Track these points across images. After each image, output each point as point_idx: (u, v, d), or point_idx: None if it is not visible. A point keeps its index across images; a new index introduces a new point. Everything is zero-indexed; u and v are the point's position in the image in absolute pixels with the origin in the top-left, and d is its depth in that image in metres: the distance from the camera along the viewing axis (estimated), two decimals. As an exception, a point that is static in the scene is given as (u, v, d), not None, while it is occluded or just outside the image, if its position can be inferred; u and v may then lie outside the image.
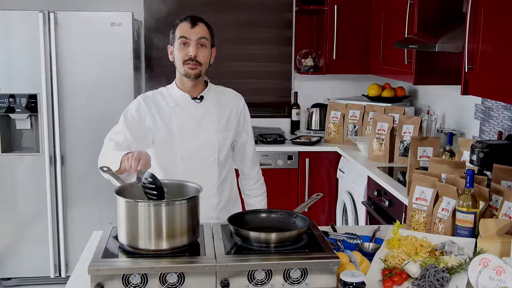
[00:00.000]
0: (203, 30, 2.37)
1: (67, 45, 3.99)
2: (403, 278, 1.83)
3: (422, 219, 2.26)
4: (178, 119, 2.42)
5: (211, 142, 2.44)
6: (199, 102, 2.44)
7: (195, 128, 2.43)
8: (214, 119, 2.45)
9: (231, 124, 2.50)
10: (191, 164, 2.42)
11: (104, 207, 3.92)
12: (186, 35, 2.34)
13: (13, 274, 4.20)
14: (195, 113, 2.43)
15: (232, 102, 2.52)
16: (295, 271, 1.71)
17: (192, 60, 2.34)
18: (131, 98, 4.09)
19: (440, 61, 3.56)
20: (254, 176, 2.65)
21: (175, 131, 2.41)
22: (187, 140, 2.42)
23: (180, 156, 2.42)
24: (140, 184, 1.95)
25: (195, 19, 2.38)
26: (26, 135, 4.19)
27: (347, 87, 4.95)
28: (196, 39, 2.34)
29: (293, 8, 4.84)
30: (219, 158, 2.47)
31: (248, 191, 2.65)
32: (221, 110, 2.47)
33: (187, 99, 2.44)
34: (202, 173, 2.42)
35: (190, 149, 2.42)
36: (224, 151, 2.48)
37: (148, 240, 1.78)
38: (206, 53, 2.38)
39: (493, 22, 2.60)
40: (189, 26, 2.35)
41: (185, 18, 2.39)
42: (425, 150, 2.96)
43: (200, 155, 2.44)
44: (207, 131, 2.44)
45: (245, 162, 2.61)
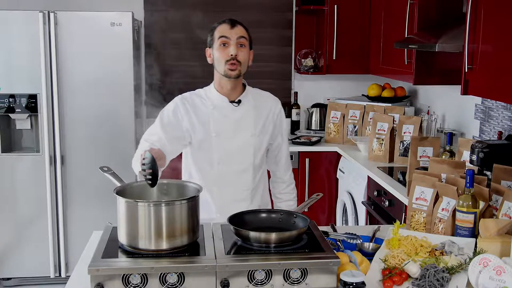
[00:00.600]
0: (242, 31, 2.40)
1: (67, 45, 3.99)
2: (403, 278, 1.83)
3: (422, 219, 2.26)
4: (215, 122, 2.42)
5: (247, 146, 2.45)
6: (237, 105, 2.44)
7: (232, 131, 2.43)
8: (251, 123, 2.45)
9: (267, 127, 2.50)
10: (227, 167, 2.43)
11: (104, 207, 3.92)
12: (226, 34, 2.37)
13: (13, 274, 4.20)
14: (232, 117, 2.44)
15: (269, 106, 2.53)
16: (295, 271, 1.71)
17: (233, 59, 2.35)
18: (131, 98, 4.11)
19: (440, 61, 3.56)
20: (286, 180, 2.65)
21: (212, 133, 2.42)
22: (224, 143, 2.42)
23: (217, 159, 2.43)
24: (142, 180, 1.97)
25: (234, 21, 2.41)
26: (26, 135, 4.19)
27: (347, 87, 4.95)
28: (236, 39, 2.36)
29: (293, 8, 4.84)
30: (255, 162, 2.47)
31: (280, 194, 2.66)
32: (258, 114, 2.48)
33: (225, 102, 2.44)
34: (237, 176, 2.44)
35: (227, 152, 2.43)
36: (259, 155, 2.49)
37: (148, 240, 1.78)
38: (246, 53, 2.40)
39: (493, 22, 2.60)
40: (228, 27, 2.38)
41: (224, 20, 2.42)
42: (425, 150, 2.96)
43: (236, 159, 2.44)
44: (244, 135, 2.44)
45: (279, 165, 2.61)
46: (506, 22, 2.49)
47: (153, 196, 2.04)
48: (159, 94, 4.74)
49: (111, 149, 4.10)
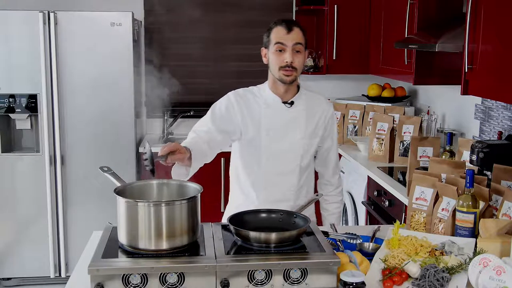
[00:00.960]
0: (299, 36, 2.36)
1: (67, 45, 3.99)
2: (403, 278, 1.83)
3: (422, 219, 2.26)
4: (267, 121, 2.43)
5: (296, 147, 2.46)
6: (289, 106, 2.45)
7: (282, 131, 2.44)
8: (302, 125, 2.46)
9: (318, 131, 2.50)
10: (274, 166, 2.45)
11: (104, 207, 3.92)
12: (282, 41, 2.34)
13: (13, 274, 4.20)
14: (284, 117, 2.44)
15: (321, 109, 2.52)
16: (295, 271, 1.71)
17: (288, 67, 2.34)
18: (131, 98, 4.11)
19: (440, 61, 3.56)
20: (334, 183, 2.65)
21: (263, 132, 2.43)
22: (274, 142, 2.44)
23: (265, 157, 2.44)
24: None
25: (291, 23, 2.37)
26: (26, 135, 4.19)
27: (347, 87, 4.95)
28: (292, 45, 2.34)
29: (293, 8, 4.84)
30: (301, 164, 2.48)
31: (327, 196, 2.66)
32: (310, 116, 2.48)
33: (278, 103, 2.45)
34: (283, 176, 2.46)
35: (275, 152, 2.44)
36: (307, 157, 2.50)
37: (148, 240, 1.78)
38: (301, 59, 2.38)
39: (493, 22, 2.60)
40: (284, 31, 2.34)
41: (281, 22, 2.38)
42: (425, 150, 2.96)
43: (284, 159, 2.46)
44: (294, 136, 2.45)
45: (328, 167, 2.62)
46: (506, 22, 2.49)
47: (153, 196, 2.04)
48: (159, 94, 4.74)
49: (111, 149, 4.11)
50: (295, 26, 2.36)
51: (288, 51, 2.34)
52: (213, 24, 4.75)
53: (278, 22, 2.39)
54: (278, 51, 2.35)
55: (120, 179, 2.03)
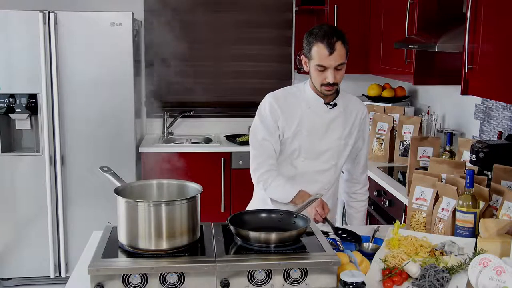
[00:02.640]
0: (341, 55, 2.32)
1: (67, 45, 3.99)
2: (403, 278, 1.83)
3: (422, 219, 2.26)
4: (309, 121, 2.47)
5: (333, 147, 2.50)
6: (331, 108, 2.48)
7: (323, 132, 2.48)
8: (340, 126, 2.50)
9: (353, 132, 2.54)
10: (312, 165, 2.50)
11: (104, 207, 3.92)
12: (324, 64, 2.32)
13: (13, 274, 4.20)
14: (325, 118, 2.48)
15: (356, 110, 2.55)
16: (295, 271, 1.71)
17: (330, 85, 2.36)
18: (131, 98, 4.11)
19: (440, 61, 3.56)
20: (362, 181, 2.69)
21: (304, 131, 2.47)
22: (313, 142, 2.48)
23: (303, 156, 2.49)
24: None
25: (333, 42, 2.30)
26: (26, 135, 4.19)
27: (347, 87, 4.89)
28: (334, 67, 2.33)
29: (293, 8, 4.84)
30: (338, 163, 2.53)
31: (354, 194, 2.69)
32: (347, 117, 2.52)
33: (320, 103, 2.48)
34: (320, 175, 2.51)
35: (314, 151, 2.49)
36: (343, 157, 2.55)
37: (148, 240, 1.78)
38: (342, 73, 2.38)
39: (493, 22, 2.60)
40: (326, 53, 2.30)
41: (323, 38, 2.30)
42: (425, 150, 2.97)
43: (321, 159, 2.50)
44: (333, 137, 2.49)
45: (357, 166, 2.65)
46: (506, 22, 2.49)
47: (153, 196, 2.04)
48: (159, 94, 4.75)
49: (111, 149, 4.11)
50: (337, 44, 2.31)
51: (330, 72, 2.33)
52: (213, 24, 4.75)
53: (319, 37, 2.31)
54: (319, 71, 2.35)
55: (120, 179, 2.03)
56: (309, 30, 2.40)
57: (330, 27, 2.38)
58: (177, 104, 4.76)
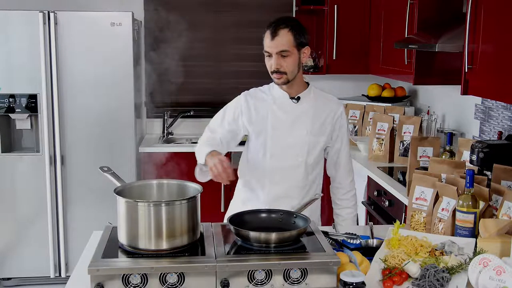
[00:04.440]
0: (283, 41, 2.34)
1: (67, 45, 3.99)
2: (403, 278, 1.83)
3: (422, 219, 2.26)
4: (273, 116, 2.46)
5: (301, 143, 2.46)
6: (296, 102, 2.46)
7: (288, 127, 2.46)
8: (308, 121, 2.47)
9: (325, 128, 2.49)
10: (279, 161, 2.47)
11: (104, 207, 3.92)
12: (267, 49, 2.37)
13: (13, 274, 4.20)
14: (291, 113, 2.46)
15: (329, 107, 2.52)
16: (295, 271, 1.71)
17: (276, 72, 2.36)
18: (131, 98, 4.11)
19: (440, 61, 3.56)
20: (346, 186, 2.62)
21: (269, 127, 2.46)
22: (280, 137, 2.46)
23: (270, 153, 2.47)
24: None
25: (276, 28, 2.34)
26: (26, 135, 4.19)
27: (347, 87, 4.95)
28: (276, 53, 2.34)
29: (293, 8, 4.84)
30: (307, 160, 2.48)
31: (339, 200, 2.63)
32: (317, 113, 2.48)
33: (285, 98, 2.47)
34: (288, 172, 2.47)
35: (281, 147, 2.46)
36: (313, 154, 2.49)
37: (148, 240, 1.78)
38: (290, 62, 2.36)
39: (493, 22, 2.60)
40: (269, 38, 2.35)
41: (270, 25, 2.37)
42: (425, 150, 2.96)
43: (289, 154, 2.47)
44: (299, 132, 2.46)
45: (339, 169, 2.60)
46: (506, 22, 2.49)
47: (153, 196, 2.04)
48: (159, 94, 4.74)
49: (111, 149, 4.10)
50: (282, 30, 2.34)
51: (274, 58, 2.35)
52: (213, 24, 4.75)
53: (268, 25, 2.38)
54: (267, 57, 2.39)
55: (120, 179, 2.03)
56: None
57: (285, 17, 2.42)
58: (177, 104, 4.76)
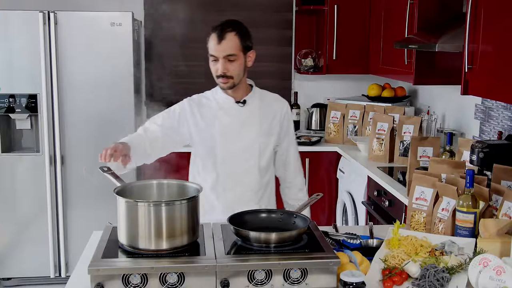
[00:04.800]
0: (230, 45, 2.32)
1: (67, 45, 3.99)
2: (403, 278, 1.83)
3: (422, 219, 2.26)
4: (220, 122, 2.42)
5: (252, 146, 2.42)
6: (242, 105, 2.43)
7: (237, 131, 2.42)
8: (256, 123, 2.43)
9: (273, 128, 2.47)
10: (231, 167, 2.41)
11: (104, 207, 3.91)
12: (213, 53, 2.33)
13: (13, 274, 4.20)
14: (238, 117, 2.42)
15: (275, 107, 2.49)
16: (295, 271, 1.71)
17: (223, 76, 2.33)
18: (131, 98, 4.11)
19: (440, 61, 3.56)
20: (297, 184, 2.59)
21: (217, 133, 2.41)
22: (229, 143, 2.41)
23: (221, 159, 2.41)
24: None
25: (222, 32, 2.32)
26: (26, 135, 4.19)
27: (347, 87, 4.95)
28: (223, 57, 2.31)
29: (293, 8, 4.84)
30: (260, 163, 2.44)
31: (291, 200, 2.58)
32: (264, 114, 2.45)
33: (230, 102, 2.43)
34: (242, 177, 2.42)
35: (231, 152, 2.41)
36: (265, 156, 2.45)
37: (148, 240, 1.78)
38: (237, 66, 2.35)
39: (493, 22, 2.60)
40: (215, 42, 2.32)
41: (215, 29, 2.34)
42: (425, 150, 2.96)
43: (241, 159, 2.42)
44: (249, 135, 2.42)
45: (288, 168, 2.56)
46: (506, 22, 2.49)
47: (153, 196, 2.04)
48: (159, 94, 4.74)
49: (111, 149, 4.10)
50: (228, 33, 2.32)
51: (220, 62, 2.31)
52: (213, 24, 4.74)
53: (213, 28, 2.34)
54: (212, 61, 2.35)
55: (120, 179, 2.03)
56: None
57: (230, 20, 2.38)
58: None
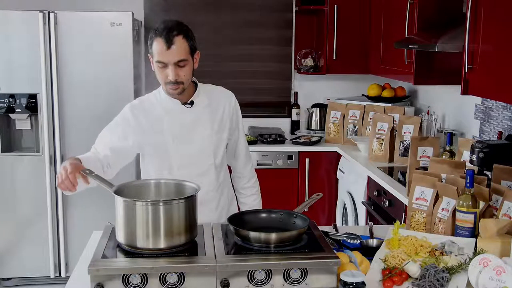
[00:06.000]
0: (180, 50, 2.19)
1: (67, 45, 3.99)
2: (403, 278, 1.83)
3: (422, 219, 2.26)
4: (170, 127, 2.33)
5: (206, 146, 2.37)
6: (190, 107, 2.34)
7: (188, 134, 2.35)
8: (207, 123, 2.37)
9: (224, 124, 2.42)
10: (188, 170, 2.33)
11: (104, 207, 3.90)
12: (162, 59, 2.20)
13: (13, 274, 4.20)
14: (187, 119, 2.34)
15: (223, 101, 2.43)
16: (295, 271, 1.71)
17: (173, 83, 2.23)
18: (131, 98, 4.10)
19: (440, 61, 3.56)
20: (247, 174, 2.57)
21: (168, 139, 2.33)
22: (182, 147, 2.34)
23: (176, 164, 2.35)
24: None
25: (170, 36, 2.17)
26: (26, 135, 4.19)
27: (347, 87, 4.95)
28: (174, 63, 2.20)
29: (293, 8, 4.84)
30: (216, 162, 2.41)
31: (242, 189, 2.58)
32: (213, 111, 2.39)
33: (177, 106, 2.34)
34: (200, 179, 2.31)
35: (186, 156, 2.35)
36: (220, 153, 2.42)
37: (146, 239, 1.78)
38: (187, 70, 2.24)
39: (493, 22, 2.60)
40: (164, 47, 2.18)
41: (160, 33, 2.19)
42: (425, 150, 2.96)
43: (196, 161, 2.37)
44: (201, 136, 2.36)
45: (238, 159, 2.54)
46: (506, 22, 2.49)
47: (151, 195, 2.04)
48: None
49: (111, 149, 4.10)
50: (175, 37, 2.17)
51: (171, 69, 2.19)
52: (213, 24, 4.75)
53: (158, 32, 2.20)
54: (160, 68, 2.22)
55: (104, 180, 2.02)
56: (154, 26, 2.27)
57: (173, 22, 2.24)
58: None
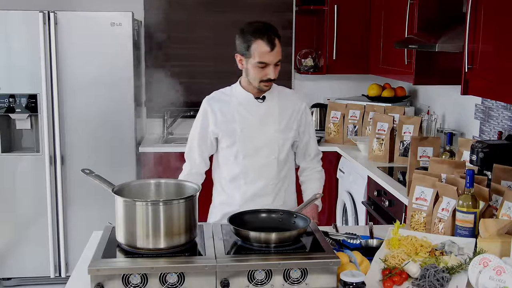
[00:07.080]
0: (279, 52, 2.42)
1: (67, 45, 3.99)
2: (403, 278, 1.83)
3: (422, 219, 2.26)
4: (241, 118, 2.50)
5: (271, 141, 2.51)
6: (262, 102, 2.51)
7: (257, 127, 2.50)
8: (275, 119, 2.52)
9: (291, 125, 2.55)
10: (252, 161, 2.50)
11: (104, 207, 3.90)
12: (265, 60, 2.39)
13: (13, 274, 4.20)
14: (257, 113, 2.51)
15: (293, 104, 2.58)
16: (295, 271, 1.71)
17: (269, 81, 2.43)
18: (131, 98, 4.11)
19: (440, 61, 3.56)
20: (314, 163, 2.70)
21: (238, 129, 2.49)
22: (249, 138, 2.49)
23: (242, 154, 2.50)
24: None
25: (272, 39, 2.39)
26: (26, 135, 4.19)
27: (347, 87, 4.95)
28: (274, 63, 2.40)
29: (293, 8, 4.84)
30: (279, 157, 2.53)
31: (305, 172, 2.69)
32: (282, 111, 2.54)
33: (250, 99, 2.51)
34: (261, 171, 2.51)
35: (252, 147, 2.50)
36: (284, 150, 2.54)
37: (146, 239, 1.78)
38: (278, 69, 2.45)
39: (493, 22, 2.60)
40: (267, 49, 2.38)
41: (262, 35, 2.39)
42: (425, 150, 2.96)
43: (261, 153, 2.51)
44: (269, 131, 2.51)
45: (308, 159, 2.68)
46: (506, 22, 2.49)
47: (151, 195, 2.04)
48: (159, 94, 4.74)
49: (111, 149, 4.10)
50: (276, 39, 2.41)
51: (271, 69, 2.40)
52: (213, 24, 4.75)
53: (258, 34, 2.40)
54: (260, 67, 2.40)
55: (105, 180, 2.02)
56: (241, 28, 2.49)
57: (267, 24, 2.45)
58: (177, 104, 4.76)
